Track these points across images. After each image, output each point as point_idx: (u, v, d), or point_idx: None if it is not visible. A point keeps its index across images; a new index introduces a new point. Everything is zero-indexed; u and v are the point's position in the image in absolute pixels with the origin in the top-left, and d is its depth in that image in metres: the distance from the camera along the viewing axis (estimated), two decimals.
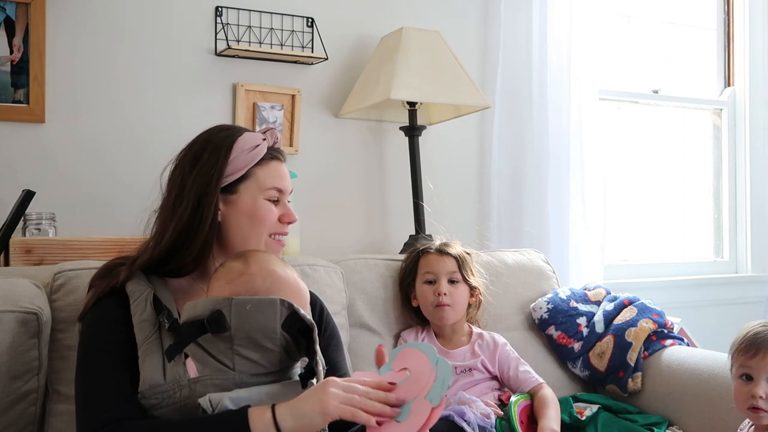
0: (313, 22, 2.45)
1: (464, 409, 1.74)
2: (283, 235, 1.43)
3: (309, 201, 2.42)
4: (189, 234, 1.32)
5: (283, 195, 1.43)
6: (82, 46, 2.15)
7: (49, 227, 1.92)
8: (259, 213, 1.38)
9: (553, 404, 1.86)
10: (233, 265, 1.26)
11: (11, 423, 1.49)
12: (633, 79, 3.28)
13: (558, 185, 2.74)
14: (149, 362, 1.21)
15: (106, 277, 1.35)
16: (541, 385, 1.91)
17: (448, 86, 2.33)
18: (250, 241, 1.38)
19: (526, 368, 1.96)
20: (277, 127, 2.38)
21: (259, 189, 1.38)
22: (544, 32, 2.72)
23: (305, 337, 1.19)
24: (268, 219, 1.39)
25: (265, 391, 1.17)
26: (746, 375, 1.55)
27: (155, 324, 1.26)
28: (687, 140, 3.43)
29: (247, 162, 1.37)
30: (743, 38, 3.40)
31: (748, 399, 1.53)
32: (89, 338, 1.29)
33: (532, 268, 2.35)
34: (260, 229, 1.38)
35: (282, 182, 1.42)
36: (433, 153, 2.64)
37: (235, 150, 1.36)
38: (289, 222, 1.43)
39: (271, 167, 1.41)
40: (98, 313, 1.30)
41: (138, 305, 1.28)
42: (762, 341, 1.54)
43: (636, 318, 2.16)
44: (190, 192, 1.33)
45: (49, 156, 2.10)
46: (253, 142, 1.38)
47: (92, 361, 1.25)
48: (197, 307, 1.19)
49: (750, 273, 3.41)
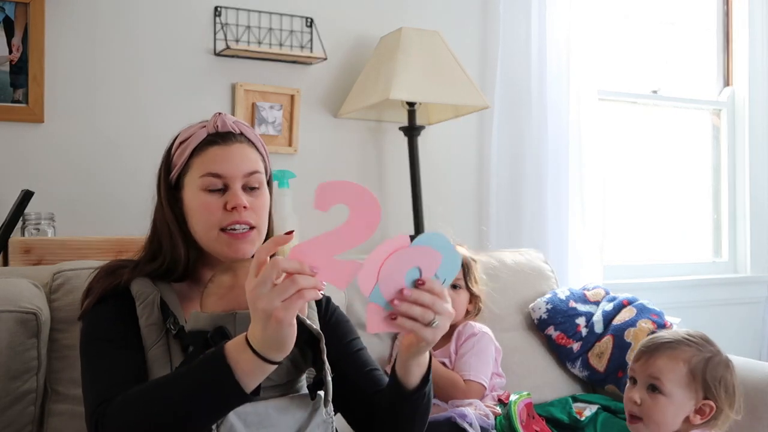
0: (313, 22, 2.45)
1: (465, 410, 1.74)
2: (237, 224, 1.27)
3: (308, 201, 2.40)
4: (156, 237, 1.33)
5: (229, 180, 1.28)
6: (81, 47, 2.15)
7: (48, 227, 1.92)
8: (196, 206, 1.29)
9: (452, 379, 1.86)
10: (222, 279, 1.21)
11: (10, 423, 1.49)
12: (632, 79, 3.28)
13: (557, 185, 2.74)
14: (156, 369, 1.19)
15: (107, 278, 1.31)
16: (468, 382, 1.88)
17: (447, 86, 2.33)
18: (204, 240, 1.29)
19: (474, 361, 1.90)
20: (276, 128, 2.38)
21: (194, 179, 1.29)
22: (543, 32, 2.72)
23: (312, 347, 1.15)
24: (207, 210, 1.27)
25: (273, 405, 1.14)
26: (632, 378, 1.58)
27: (162, 329, 1.23)
28: (686, 140, 3.43)
29: (183, 152, 1.30)
30: (742, 38, 3.40)
31: (628, 403, 1.55)
32: (93, 330, 1.25)
33: (531, 268, 2.35)
34: (204, 224, 1.28)
35: (218, 166, 1.28)
36: (432, 153, 2.64)
37: (175, 144, 1.33)
38: (235, 208, 1.27)
39: (207, 153, 1.29)
40: (102, 309, 1.27)
41: (145, 308, 1.25)
42: (648, 347, 1.56)
43: (635, 318, 2.16)
44: (156, 195, 1.34)
45: (48, 156, 2.10)
46: (189, 131, 1.32)
47: (97, 349, 1.22)
48: (200, 321, 1.16)
49: (749, 273, 3.41)
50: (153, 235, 1.35)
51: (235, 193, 1.28)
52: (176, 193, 1.33)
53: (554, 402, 2.09)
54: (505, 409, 1.81)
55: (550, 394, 2.15)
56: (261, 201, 1.33)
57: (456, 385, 1.85)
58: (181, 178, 1.32)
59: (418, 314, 1.07)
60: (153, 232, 1.35)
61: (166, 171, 1.33)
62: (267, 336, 0.99)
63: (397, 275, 1.06)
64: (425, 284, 1.07)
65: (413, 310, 1.07)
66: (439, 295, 1.09)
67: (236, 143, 1.31)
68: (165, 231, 1.32)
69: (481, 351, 1.93)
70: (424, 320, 1.08)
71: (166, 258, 1.31)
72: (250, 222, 1.29)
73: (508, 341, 2.15)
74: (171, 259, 1.30)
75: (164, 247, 1.31)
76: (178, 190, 1.32)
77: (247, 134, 1.34)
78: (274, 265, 0.99)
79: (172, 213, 1.31)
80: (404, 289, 1.06)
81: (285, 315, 0.98)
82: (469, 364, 1.89)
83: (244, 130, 1.33)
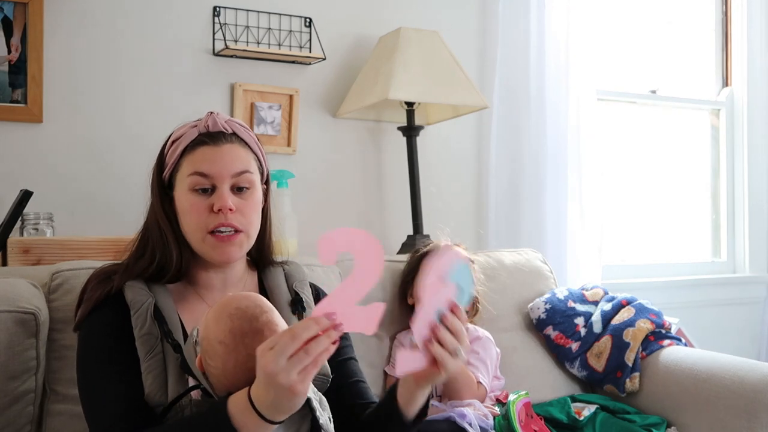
0: (311, 22, 2.45)
1: (464, 410, 1.74)
2: (223, 227, 1.26)
3: (307, 201, 2.42)
4: (145, 235, 1.33)
5: (217, 180, 1.27)
6: (80, 46, 2.15)
7: (47, 227, 1.92)
8: (184, 206, 1.28)
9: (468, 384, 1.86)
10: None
11: (9, 423, 1.49)
12: (631, 79, 3.28)
13: (556, 185, 2.74)
14: (152, 380, 1.18)
15: (99, 285, 1.30)
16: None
17: (446, 86, 2.33)
18: (192, 241, 1.29)
19: (479, 364, 1.92)
20: (274, 128, 2.38)
21: (183, 178, 1.28)
22: (542, 32, 2.72)
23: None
24: (194, 212, 1.26)
25: None
26: None
27: (157, 337, 1.22)
28: (685, 141, 3.43)
29: (175, 151, 1.29)
30: (741, 38, 3.40)
31: None
32: (89, 349, 1.25)
33: (530, 268, 2.35)
34: (191, 225, 1.27)
35: (206, 165, 1.26)
36: (431, 153, 2.64)
37: (168, 143, 1.33)
38: (220, 209, 1.25)
39: (196, 153, 1.28)
40: (95, 323, 1.26)
41: (139, 318, 1.23)
42: None
43: (634, 318, 2.16)
44: (150, 194, 1.34)
45: (46, 156, 2.10)
46: (181, 131, 1.31)
47: (95, 373, 1.21)
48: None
49: (748, 273, 3.41)
50: (143, 233, 1.35)
51: (221, 195, 1.26)
52: (169, 192, 1.32)
53: (553, 402, 2.09)
54: (504, 409, 1.82)
55: (549, 394, 2.15)
56: (250, 202, 1.31)
57: (471, 385, 1.86)
58: (172, 176, 1.32)
59: (448, 341, 1.09)
60: (144, 229, 1.35)
61: (159, 169, 1.33)
62: (278, 404, 0.99)
63: (430, 314, 1.09)
64: (458, 309, 1.10)
65: (447, 339, 1.08)
66: (464, 322, 1.12)
67: (226, 143, 1.29)
68: (155, 229, 1.31)
69: (485, 355, 1.95)
70: (451, 347, 1.09)
71: (155, 256, 1.29)
72: (235, 225, 1.27)
73: (506, 341, 2.15)
74: (161, 258, 1.29)
75: (152, 244, 1.31)
76: (170, 189, 1.32)
77: (239, 133, 1.33)
78: (294, 337, 0.97)
79: (163, 211, 1.31)
80: (435, 326, 1.09)
81: (302, 387, 0.97)
82: (476, 367, 1.91)
83: (236, 130, 1.32)
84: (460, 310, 1.11)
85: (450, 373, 1.11)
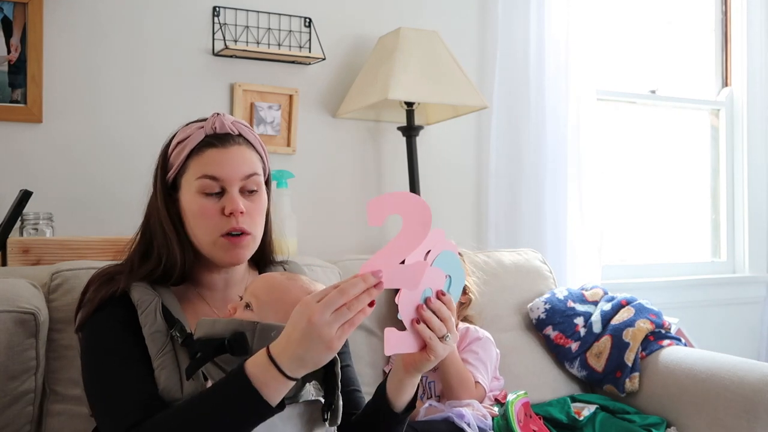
0: (311, 23, 2.45)
1: (463, 410, 1.74)
2: (234, 230, 1.26)
3: (306, 201, 2.42)
4: (147, 236, 1.32)
5: (227, 183, 1.27)
6: (80, 46, 2.15)
7: (47, 227, 1.92)
8: (193, 210, 1.27)
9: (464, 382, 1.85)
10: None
11: (8, 423, 1.49)
12: (630, 79, 3.28)
13: (555, 185, 2.74)
14: (165, 376, 1.18)
15: (104, 286, 1.29)
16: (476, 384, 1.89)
17: (445, 86, 2.33)
18: (202, 244, 1.29)
19: (479, 364, 1.91)
20: (274, 128, 2.38)
21: (191, 181, 1.27)
22: (541, 32, 2.73)
23: (326, 367, 1.14)
24: (205, 215, 1.26)
25: (287, 414, 1.11)
26: None
27: (167, 335, 1.21)
28: (684, 141, 3.43)
29: (180, 153, 1.28)
30: (741, 38, 3.40)
31: None
32: (96, 342, 1.24)
33: (530, 269, 2.36)
34: (203, 228, 1.27)
35: (215, 168, 1.26)
36: (430, 153, 2.64)
37: (172, 144, 1.31)
38: (232, 213, 1.25)
39: (204, 155, 1.27)
40: (103, 321, 1.25)
41: (147, 316, 1.22)
42: None
43: (633, 318, 2.16)
44: (152, 194, 1.33)
45: (46, 156, 2.10)
46: (187, 132, 1.30)
47: (106, 366, 1.20)
48: (216, 326, 1.11)
49: (747, 273, 3.41)
50: (144, 234, 1.34)
51: (233, 198, 1.26)
52: (173, 193, 1.32)
53: (553, 402, 2.09)
54: (502, 409, 1.82)
55: (549, 394, 2.15)
56: (258, 205, 1.31)
57: (469, 385, 1.85)
58: (178, 178, 1.31)
59: (436, 326, 1.09)
60: (144, 230, 1.34)
61: (163, 170, 1.32)
62: (308, 357, 1.00)
63: (415, 295, 1.10)
64: (445, 296, 1.11)
65: (434, 321, 1.09)
66: (452, 311, 1.12)
67: (234, 145, 1.29)
68: (158, 230, 1.30)
69: (485, 355, 1.95)
70: (440, 333, 1.10)
71: (161, 259, 1.29)
72: (245, 229, 1.28)
73: (506, 341, 2.15)
74: (166, 261, 1.29)
75: (157, 246, 1.30)
76: (174, 190, 1.32)
77: (245, 135, 1.33)
78: (342, 292, 0.99)
79: (167, 213, 1.30)
80: (420, 306, 1.09)
81: (338, 344, 0.99)
82: (475, 367, 1.91)
83: (242, 131, 1.32)
84: (448, 297, 1.12)
85: (439, 358, 1.12)
